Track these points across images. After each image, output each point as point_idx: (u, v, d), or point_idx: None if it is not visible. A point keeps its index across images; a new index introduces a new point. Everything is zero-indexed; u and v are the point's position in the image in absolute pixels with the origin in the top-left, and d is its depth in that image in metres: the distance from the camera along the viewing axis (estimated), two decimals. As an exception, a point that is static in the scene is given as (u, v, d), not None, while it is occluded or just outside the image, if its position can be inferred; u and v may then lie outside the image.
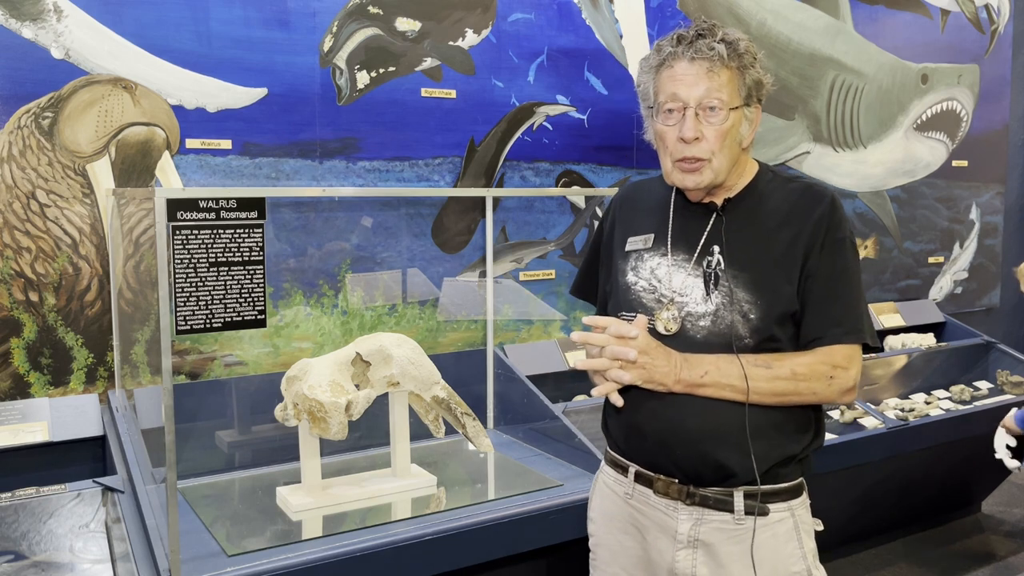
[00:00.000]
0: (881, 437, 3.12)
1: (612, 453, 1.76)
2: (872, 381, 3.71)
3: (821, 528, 1.69)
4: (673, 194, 1.71)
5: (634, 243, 1.72)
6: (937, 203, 4.65)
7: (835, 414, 3.26)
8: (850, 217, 4.25)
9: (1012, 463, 3.01)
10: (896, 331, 4.23)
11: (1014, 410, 3.06)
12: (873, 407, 3.32)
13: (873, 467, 3.24)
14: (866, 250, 4.37)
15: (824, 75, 4.07)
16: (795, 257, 1.58)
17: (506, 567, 2.34)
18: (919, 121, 4.46)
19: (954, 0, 4.56)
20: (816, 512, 1.71)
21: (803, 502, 1.65)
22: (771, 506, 1.60)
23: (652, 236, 1.70)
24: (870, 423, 3.18)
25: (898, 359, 3.93)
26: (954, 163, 4.67)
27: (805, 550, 1.63)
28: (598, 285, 1.86)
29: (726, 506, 1.59)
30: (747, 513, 1.58)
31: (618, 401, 1.61)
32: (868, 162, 4.30)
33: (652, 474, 1.65)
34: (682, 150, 1.58)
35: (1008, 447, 3.02)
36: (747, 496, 1.58)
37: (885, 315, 4.30)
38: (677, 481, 1.62)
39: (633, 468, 1.69)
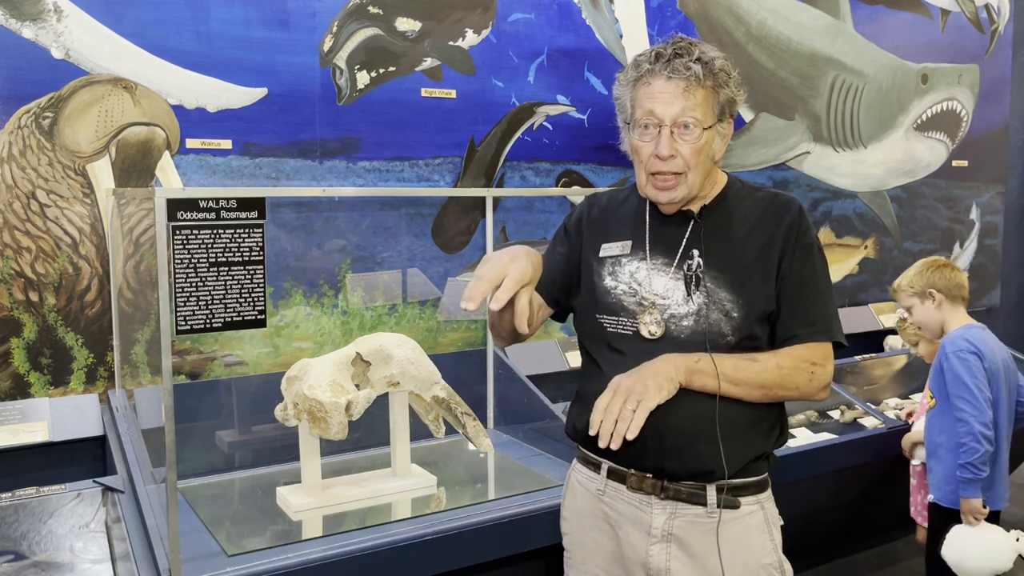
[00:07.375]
0: (881, 437, 3.12)
1: (583, 451, 1.78)
2: (872, 381, 3.71)
3: (782, 523, 1.74)
4: (648, 202, 1.74)
5: (609, 249, 1.75)
6: (937, 203, 4.65)
7: (835, 414, 3.26)
8: (850, 217, 4.26)
9: None
10: (896, 331, 4.23)
11: (974, 500, 2.51)
12: (873, 407, 3.32)
13: (873, 467, 3.24)
14: (866, 250, 4.36)
15: (824, 75, 4.07)
16: (770, 260, 1.64)
17: (506, 567, 2.33)
18: (919, 121, 4.46)
19: (954, 0, 4.56)
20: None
21: (769, 496, 1.71)
22: (742, 499, 1.64)
23: (629, 243, 1.74)
24: (870, 423, 3.18)
25: (898, 359, 3.93)
26: (954, 163, 4.67)
27: (775, 542, 1.69)
28: (553, 286, 1.81)
29: (699, 500, 1.63)
30: (719, 506, 1.63)
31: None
32: (868, 162, 4.30)
33: (625, 469, 1.68)
34: (656, 165, 1.63)
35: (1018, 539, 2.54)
36: (719, 490, 1.63)
37: (885, 315, 4.29)
38: (651, 476, 1.65)
39: (606, 464, 1.71)
